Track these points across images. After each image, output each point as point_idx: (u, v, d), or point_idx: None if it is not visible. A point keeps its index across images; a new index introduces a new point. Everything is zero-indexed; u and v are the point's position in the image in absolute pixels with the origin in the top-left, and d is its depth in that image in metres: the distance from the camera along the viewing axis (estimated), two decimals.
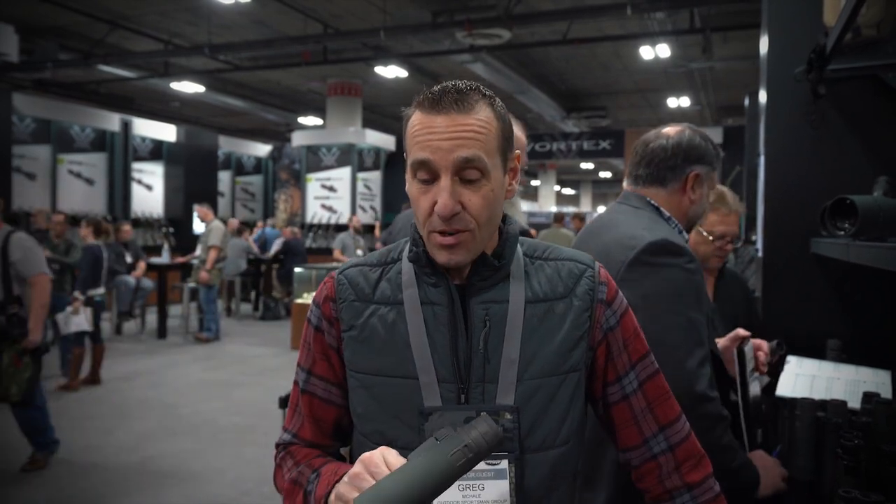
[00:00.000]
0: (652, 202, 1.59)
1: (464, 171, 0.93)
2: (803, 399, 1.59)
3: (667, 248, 1.41)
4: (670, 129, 1.63)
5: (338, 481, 0.91)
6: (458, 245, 0.94)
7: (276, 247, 11.51)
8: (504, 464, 0.95)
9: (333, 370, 1.07)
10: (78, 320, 6.01)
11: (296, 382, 1.10)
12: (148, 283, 8.80)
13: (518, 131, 1.85)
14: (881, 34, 1.99)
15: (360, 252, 9.82)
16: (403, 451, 0.95)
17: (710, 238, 2.15)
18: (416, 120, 0.95)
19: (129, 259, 8.72)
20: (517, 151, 1.03)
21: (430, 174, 0.94)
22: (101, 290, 6.31)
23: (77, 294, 6.07)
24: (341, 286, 1.05)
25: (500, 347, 0.97)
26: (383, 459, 0.84)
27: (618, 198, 1.70)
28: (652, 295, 1.38)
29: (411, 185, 0.97)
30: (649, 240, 1.41)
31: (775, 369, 2.07)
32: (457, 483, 0.93)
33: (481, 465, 0.94)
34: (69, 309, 6.04)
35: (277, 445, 1.12)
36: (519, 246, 1.05)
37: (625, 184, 1.71)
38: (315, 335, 1.07)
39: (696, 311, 1.40)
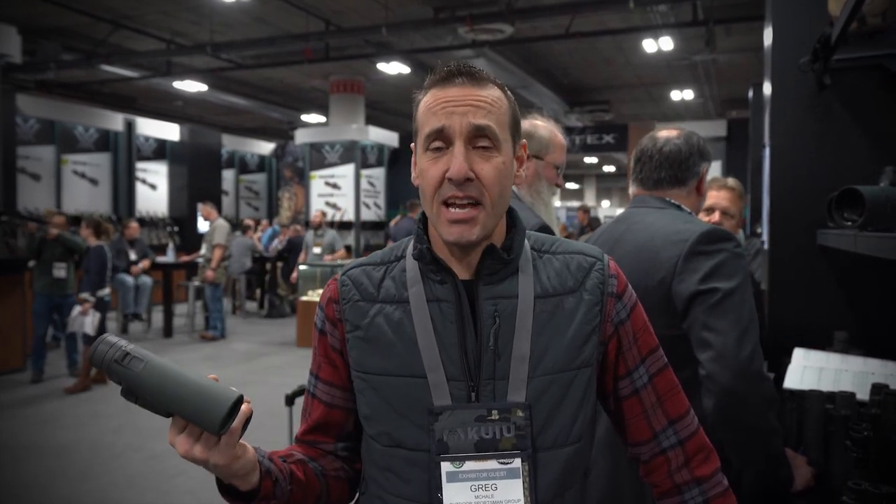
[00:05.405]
0: (672, 201, 1.67)
1: (476, 139, 0.94)
2: (811, 391, 1.59)
3: (717, 235, 1.50)
4: (671, 132, 1.72)
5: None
6: (470, 220, 0.94)
7: (276, 244, 11.57)
8: (517, 462, 0.93)
9: (337, 373, 1.06)
10: (86, 321, 6.03)
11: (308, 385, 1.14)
12: (147, 280, 8.80)
13: (555, 132, 1.96)
14: (887, 23, 1.98)
15: (317, 250, 9.41)
16: (412, 452, 0.96)
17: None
18: (430, 96, 0.98)
19: (133, 257, 8.74)
20: (523, 141, 1.05)
21: (444, 141, 0.95)
22: (107, 291, 6.33)
23: (86, 296, 6.08)
24: (345, 287, 1.04)
25: (510, 344, 0.96)
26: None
27: (631, 203, 1.75)
28: None
29: (421, 159, 0.98)
30: (699, 231, 1.50)
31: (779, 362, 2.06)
32: (469, 483, 0.93)
33: (494, 465, 0.93)
34: (78, 309, 6.05)
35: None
36: (526, 240, 1.04)
37: (634, 189, 1.76)
38: (320, 338, 1.07)
39: (748, 292, 1.47)
